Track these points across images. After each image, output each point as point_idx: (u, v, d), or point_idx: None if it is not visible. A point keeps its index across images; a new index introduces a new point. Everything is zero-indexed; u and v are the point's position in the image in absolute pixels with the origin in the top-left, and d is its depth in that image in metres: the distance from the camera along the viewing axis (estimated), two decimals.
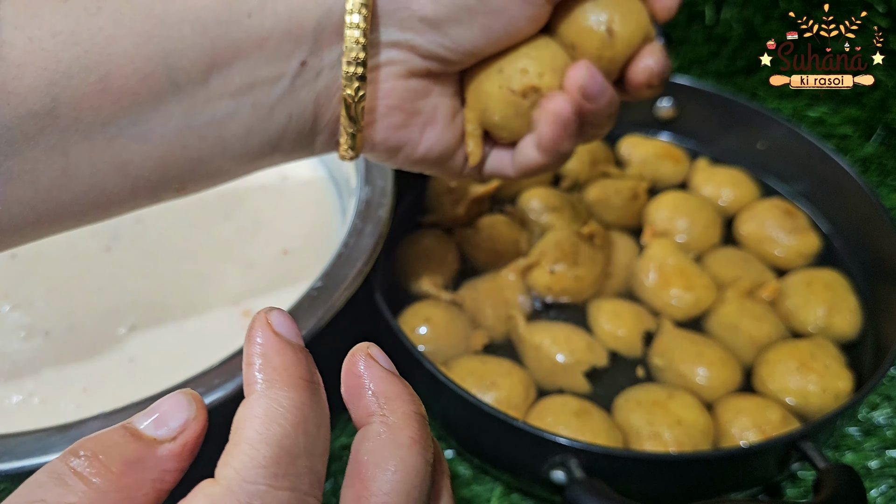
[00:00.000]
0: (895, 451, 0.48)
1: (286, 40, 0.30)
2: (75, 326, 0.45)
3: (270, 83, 0.30)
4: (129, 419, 0.19)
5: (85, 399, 0.42)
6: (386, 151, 0.34)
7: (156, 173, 0.30)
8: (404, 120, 0.33)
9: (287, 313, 0.21)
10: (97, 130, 0.28)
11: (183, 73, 0.29)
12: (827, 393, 0.45)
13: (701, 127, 0.67)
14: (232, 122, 0.30)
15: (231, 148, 0.31)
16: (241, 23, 0.29)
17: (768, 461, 0.40)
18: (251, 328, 0.21)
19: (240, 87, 0.30)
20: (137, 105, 0.28)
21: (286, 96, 0.31)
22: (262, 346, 0.20)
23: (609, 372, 0.48)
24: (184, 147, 0.30)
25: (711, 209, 0.59)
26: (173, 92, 0.29)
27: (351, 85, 0.30)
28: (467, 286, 0.52)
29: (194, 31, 0.28)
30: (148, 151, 0.29)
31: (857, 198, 0.55)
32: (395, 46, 0.31)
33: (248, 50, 0.29)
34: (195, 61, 0.29)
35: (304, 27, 0.30)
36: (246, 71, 0.30)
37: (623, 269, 0.55)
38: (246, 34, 0.29)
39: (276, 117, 0.31)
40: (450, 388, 0.40)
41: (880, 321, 0.51)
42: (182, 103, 0.29)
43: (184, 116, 0.29)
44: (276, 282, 0.49)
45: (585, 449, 0.38)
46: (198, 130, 0.30)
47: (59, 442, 0.33)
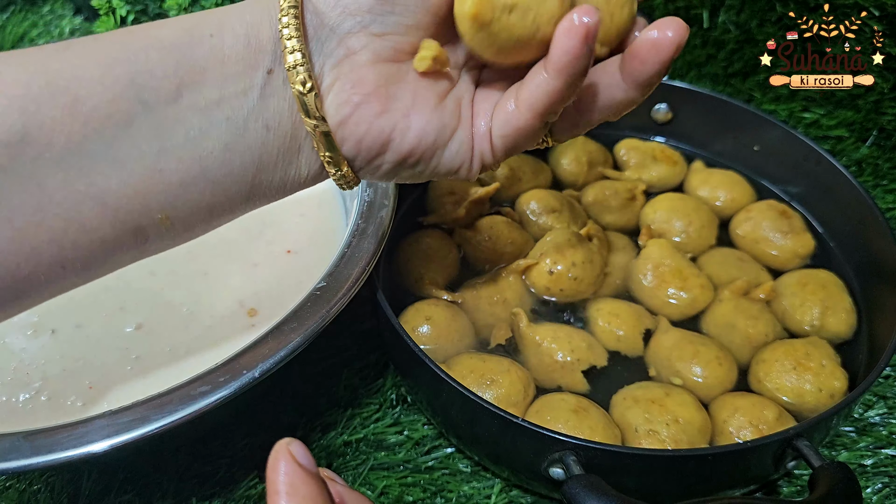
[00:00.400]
0: (890, 450, 0.49)
1: (248, 53, 0.31)
2: (82, 325, 0.46)
3: (240, 96, 0.31)
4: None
5: (91, 396, 0.42)
6: (373, 145, 0.32)
7: (135, 202, 0.30)
8: (382, 106, 0.32)
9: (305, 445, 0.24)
10: (71, 157, 0.28)
11: (152, 92, 0.29)
12: (822, 392, 0.46)
13: (697, 130, 0.67)
14: (207, 139, 0.30)
15: (210, 169, 0.31)
16: (202, 43, 0.30)
17: (764, 459, 0.41)
18: (274, 459, 0.23)
19: (210, 102, 0.30)
20: (109, 127, 0.28)
21: (259, 107, 0.31)
22: (288, 476, 0.23)
23: (606, 370, 0.49)
24: (160, 171, 0.30)
25: (707, 210, 0.60)
26: (144, 112, 0.29)
27: (296, 79, 0.30)
28: (467, 286, 0.53)
29: (160, 54, 0.29)
30: (124, 177, 0.29)
31: (852, 199, 0.56)
32: (349, 35, 0.31)
33: (213, 66, 0.30)
34: (162, 79, 0.29)
35: (263, 39, 0.31)
36: (214, 86, 0.30)
37: (621, 270, 0.56)
38: (209, 51, 0.30)
39: (251, 129, 0.31)
40: (450, 386, 0.41)
41: (875, 321, 0.51)
42: (154, 123, 0.29)
43: (156, 137, 0.29)
44: (281, 281, 0.49)
45: (583, 445, 0.38)
46: (173, 152, 0.30)
47: (65, 440, 0.34)
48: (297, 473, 0.23)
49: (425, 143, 0.33)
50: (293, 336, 0.38)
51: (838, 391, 0.46)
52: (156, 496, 0.45)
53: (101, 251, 0.30)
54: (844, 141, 0.71)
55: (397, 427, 0.49)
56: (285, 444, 0.24)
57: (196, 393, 0.35)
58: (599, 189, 0.62)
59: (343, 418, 0.50)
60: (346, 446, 0.48)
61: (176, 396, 0.35)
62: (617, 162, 0.67)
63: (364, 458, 0.48)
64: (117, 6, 0.78)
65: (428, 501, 0.46)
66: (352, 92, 0.31)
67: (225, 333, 0.46)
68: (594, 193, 0.61)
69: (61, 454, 0.33)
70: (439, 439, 0.49)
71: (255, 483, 0.45)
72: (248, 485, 0.45)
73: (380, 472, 0.47)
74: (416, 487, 0.46)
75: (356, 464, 0.47)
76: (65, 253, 0.29)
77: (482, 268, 0.55)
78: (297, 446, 0.24)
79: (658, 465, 0.40)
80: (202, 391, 0.36)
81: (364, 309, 0.56)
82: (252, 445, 0.48)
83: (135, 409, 0.35)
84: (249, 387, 0.36)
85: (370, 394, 0.51)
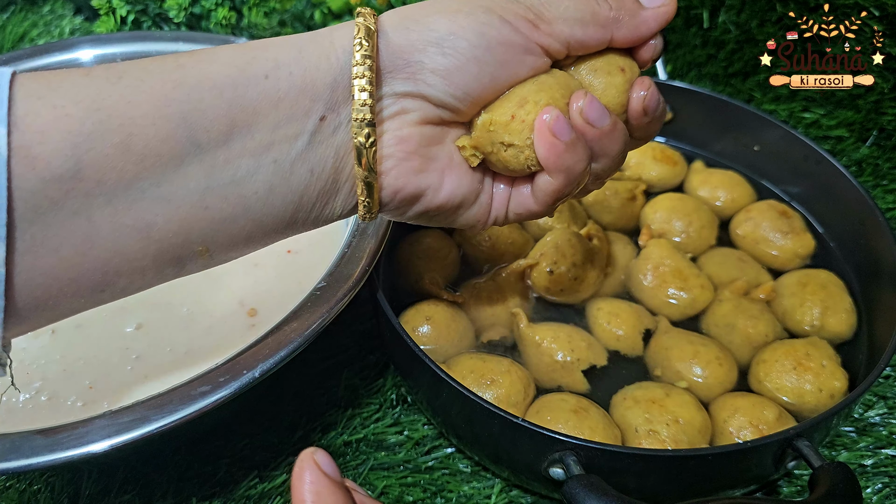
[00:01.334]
0: (890, 450, 0.49)
1: (303, 98, 0.31)
2: (82, 325, 0.46)
3: (290, 140, 0.31)
4: None
5: (91, 396, 0.42)
6: (406, 198, 0.34)
7: (179, 237, 0.30)
8: (422, 164, 0.34)
9: (329, 455, 0.25)
10: (121, 193, 0.28)
11: (204, 133, 0.29)
12: (822, 392, 0.46)
13: (697, 130, 0.67)
14: (253, 180, 0.31)
15: (253, 208, 0.31)
16: (257, 84, 0.30)
17: (764, 459, 0.41)
18: (300, 468, 0.24)
19: (260, 146, 0.30)
20: (160, 166, 0.29)
21: (306, 152, 0.31)
22: (313, 485, 0.23)
23: (606, 370, 0.49)
24: (206, 208, 0.30)
25: (708, 211, 0.60)
26: (195, 153, 0.29)
27: (361, 132, 0.31)
28: (468, 286, 0.53)
29: (212, 94, 0.29)
30: (170, 214, 0.29)
31: (852, 199, 0.56)
32: (408, 96, 0.32)
33: (266, 109, 0.30)
34: (215, 121, 0.29)
35: (319, 85, 0.31)
36: (265, 129, 0.30)
37: (621, 270, 0.56)
38: (263, 94, 0.30)
39: (297, 173, 0.32)
40: (450, 386, 0.41)
41: (875, 321, 0.51)
42: (204, 163, 0.29)
43: (206, 177, 0.30)
44: (281, 281, 0.49)
45: (584, 445, 0.38)
46: (219, 191, 0.30)
47: (65, 440, 0.34)
48: (323, 482, 0.24)
49: (453, 202, 0.35)
50: (293, 336, 0.38)
51: (838, 391, 0.46)
52: (156, 496, 0.45)
53: (140, 277, 0.31)
54: (844, 141, 0.71)
55: (397, 427, 0.49)
56: (310, 454, 0.24)
57: (196, 393, 0.35)
58: (599, 189, 0.61)
59: (343, 418, 0.50)
60: (347, 446, 0.48)
61: (176, 396, 0.35)
62: None
63: (364, 458, 0.48)
64: (117, 6, 0.78)
65: (428, 501, 0.46)
66: (397, 147, 0.33)
67: (225, 333, 0.46)
68: (594, 193, 0.61)
69: (61, 454, 0.33)
70: (439, 439, 0.49)
71: (255, 483, 0.45)
72: (248, 485, 0.45)
73: (380, 472, 0.47)
74: (416, 487, 0.46)
75: (356, 464, 0.47)
76: (107, 279, 0.30)
77: (482, 268, 0.55)
78: (321, 456, 0.24)
79: (658, 465, 0.40)
80: (202, 391, 0.36)
81: (364, 309, 0.56)
82: (252, 445, 0.48)
83: (135, 409, 0.35)
84: (249, 387, 0.36)
85: (370, 394, 0.51)
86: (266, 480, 0.46)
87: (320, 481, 0.23)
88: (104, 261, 0.29)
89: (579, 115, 0.33)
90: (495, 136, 0.34)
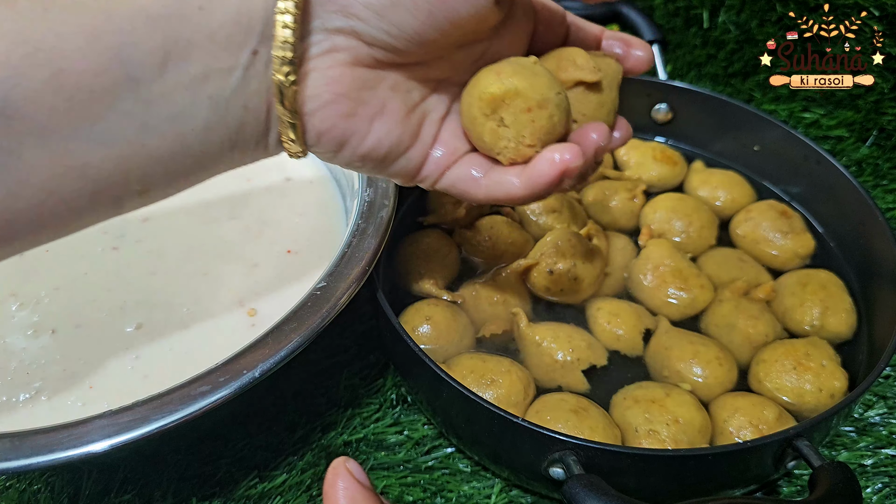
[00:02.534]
0: (890, 450, 0.49)
1: (237, 31, 0.30)
2: (82, 325, 0.46)
3: (225, 74, 0.30)
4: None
5: (91, 396, 0.42)
6: (332, 142, 0.33)
7: (116, 175, 0.30)
8: (351, 108, 0.33)
9: (358, 464, 0.26)
10: (53, 131, 0.27)
11: (138, 66, 0.28)
12: (822, 392, 0.46)
13: (697, 130, 0.67)
14: (190, 116, 0.30)
15: (191, 146, 0.31)
16: (192, 16, 0.29)
17: (764, 459, 0.41)
18: (333, 475, 0.25)
19: (195, 79, 0.30)
20: (94, 102, 0.28)
21: (240, 87, 0.31)
22: (347, 490, 0.25)
23: (606, 370, 0.49)
24: (143, 145, 0.29)
25: (708, 211, 0.60)
26: (130, 87, 0.28)
27: (280, 70, 0.30)
28: (467, 286, 0.53)
29: (146, 25, 0.28)
30: (107, 152, 0.29)
31: (852, 199, 0.56)
32: (339, 33, 0.31)
33: (201, 41, 0.29)
34: (149, 53, 0.28)
35: (253, 18, 0.30)
36: (200, 62, 0.30)
37: (620, 270, 0.56)
38: (198, 26, 0.29)
39: (232, 110, 0.31)
40: (450, 386, 0.41)
41: (874, 321, 0.51)
42: (139, 98, 0.29)
43: (142, 112, 0.29)
44: (281, 281, 0.49)
45: (584, 445, 0.38)
46: (157, 127, 0.29)
47: (65, 439, 0.34)
48: (356, 487, 0.25)
49: (378, 152, 0.34)
50: (293, 336, 0.38)
51: (838, 391, 0.46)
52: (156, 496, 0.45)
53: (77, 218, 0.30)
54: (844, 141, 0.71)
55: (397, 427, 0.49)
56: (342, 462, 0.26)
57: (196, 393, 0.35)
58: (599, 189, 0.62)
59: (343, 418, 0.50)
60: (347, 446, 0.48)
61: (176, 396, 0.35)
62: (617, 162, 0.67)
63: (364, 458, 0.48)
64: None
65: (428, 501, 0.46)
66: (325, 88, 0.32)
67: (225, 333, 0.46)
68: (594, 193, 0.61)
69: (61, 454, 0.33)
70: (439, 439, 0.49)
71: (255, 483, 0.45)
72: (248, 485, 0.45)
73: (380, 472, 0.47)
74: (416, 487, 0.46)
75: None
76: (42, 220, 0.29)
77: (482, 268, 0.55)
78: (353, 464, 0.26)
79: (658, 465, 0.40)
80: (202, 391, 0.36)
81: (364, 309, 0.56)
82: (252, 445, 0.48)
83: (135, 409, 0.35)
84: (249, 387, 0.36)
85: (370, 394, 0.51)
86: (266, 480, 0.46)
87: (353, 486, 0.25)
88: (39, 202, 0.28)
89: (593, 150, 0.34)
90: (502, 108, 0.33)
